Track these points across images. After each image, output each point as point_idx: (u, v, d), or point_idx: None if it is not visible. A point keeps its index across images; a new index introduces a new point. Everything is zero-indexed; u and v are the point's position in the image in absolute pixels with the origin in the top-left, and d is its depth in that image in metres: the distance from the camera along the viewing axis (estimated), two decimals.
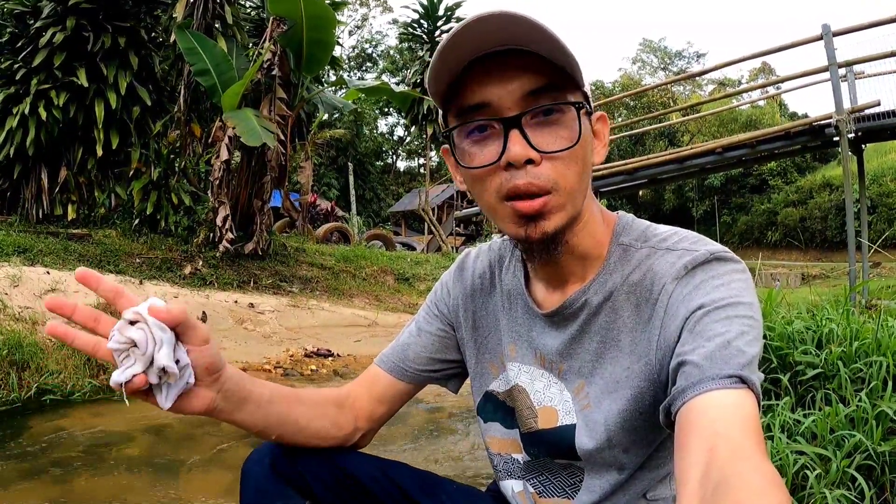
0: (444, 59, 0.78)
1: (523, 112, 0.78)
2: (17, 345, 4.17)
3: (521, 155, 0.77)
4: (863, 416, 1.88)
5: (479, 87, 0.79)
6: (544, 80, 0.78)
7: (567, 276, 0.91)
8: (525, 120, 0.78)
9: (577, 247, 0.88)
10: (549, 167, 0.79)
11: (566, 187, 0.80)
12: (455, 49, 0.77)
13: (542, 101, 0.78)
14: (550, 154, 0.79)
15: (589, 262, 0.90)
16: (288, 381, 4.86)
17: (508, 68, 0.78)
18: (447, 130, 0.85)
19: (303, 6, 7.51)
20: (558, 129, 0.79)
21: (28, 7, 8.18)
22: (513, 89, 0.78)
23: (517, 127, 0.78)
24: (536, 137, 0.78)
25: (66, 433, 3.36)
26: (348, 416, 1.03)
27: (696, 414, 0.65)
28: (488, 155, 0.81)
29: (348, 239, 14.65)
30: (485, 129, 0.81)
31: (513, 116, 0.78)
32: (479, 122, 0.81)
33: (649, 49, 48.78)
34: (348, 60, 41.46)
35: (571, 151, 0.79)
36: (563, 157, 0.79)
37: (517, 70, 0.78)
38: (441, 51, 0.77)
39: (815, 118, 8.42)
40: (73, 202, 8.36)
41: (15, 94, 7.88)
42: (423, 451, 3.29)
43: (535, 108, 0.78)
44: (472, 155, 0.82)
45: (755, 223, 28.54)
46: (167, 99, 9.19)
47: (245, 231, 8.31)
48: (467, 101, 0.81)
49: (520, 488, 1.01)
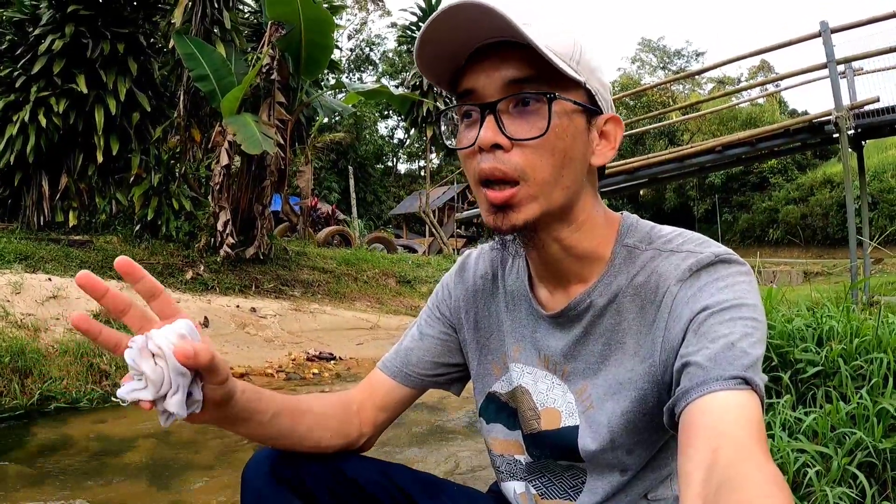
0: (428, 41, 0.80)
1: (500, 98, 0.79)
2: (19, 352, 4.17)
3: (489, 139, 0.79)
4: (864, 413, 1.88)
5: (470, 75, 0.82)
6: (530, 70, 0.78)
7: (570, 277, 0.91)
8: (503, 107, 0.80)
9: (574, 247, 0.88)
10: (518, 154, 0.79)
11: (536, 178, 0.80)
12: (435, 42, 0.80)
13: (522, 91, 0.79)
14: (520, 141, 0.79)
15: (591, 263, 0.90)
16: (290, 385, 4.87)
17: (495, 58, 0.80)
18: (437, 113, 0.88)
19: (301, 10, 7.53)
20: (536, 119, 0.79)
21: (27, 14, 8.19)
22: (496, 77, 0.79)
23: (493, 112, 0.79)
24: (511, 125, 0.80)
25: (70, 439, 3.36)
26: (353, 423, 1.03)
27: (699, 415, 0.65)
28: (468, 138, 0.83)
29: (349, 242, 14.65)
30: (470, 114, 0.84)
31: (490, 102, 0.80)
32: (461, 106, 0.84)
33: (648, 48, 48.80)
34: (348, 63, 41.48)
35: (542, 140, 0.79)
36: (534, 147, 0.79)
37: (501, 59, 0.79)
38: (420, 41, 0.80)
39: (814, 115, 8.41)
40: (74, 209, 8.37)
41: (15, 101, 7.89)
42: (425, 453, 3.29)
43: (510, 95, 0.79)
44: (460, 138, 0.85)
45: (756, 221, 28.50)
46: (167, 104, 9.19)
47: (246, 235, 8.31)
48: (460, 86, 0.84)
49: (522, 490, 1.01)
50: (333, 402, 1.03)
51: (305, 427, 0.96)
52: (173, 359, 0.67)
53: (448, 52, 0.82)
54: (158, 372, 0.67)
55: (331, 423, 1.00)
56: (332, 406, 1.02)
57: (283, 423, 0.92)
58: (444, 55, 0.82)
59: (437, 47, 0.81)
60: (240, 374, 4.97)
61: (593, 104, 0.84)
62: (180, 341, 0.68)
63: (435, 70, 0.85)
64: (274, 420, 0.90)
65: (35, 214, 8.21)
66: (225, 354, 5.34)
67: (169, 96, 9.32)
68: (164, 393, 0.68)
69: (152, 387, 0.67)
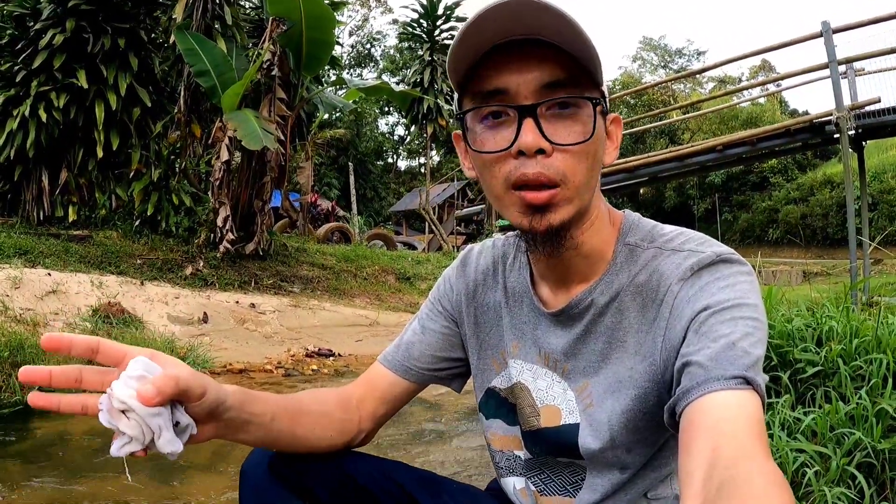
0: (466, 41, 0.77)
1: (539, 102, 0.78)
2: (18, 346, 4.17)
3: (534, 144, 0.77)
4: (863, 413, 1.88)
5: (498, 74, 0.79)
6: (563, 73, 0.77)
7: (573, 275, 0.91)
8: (540, 110, 0.78)
9: (583, 245, 0.88)
10: (560, 159, 0.78)
11: (575, 182, 0.79)
12: (479, 33, 0.76)
13: (560, 94, 0.78)
14: (563, 147, 0.78)
15: (595, 261, 0.90)
16: (289, 381, 4.87)
17: (529, 57, 0.78)
18: (461, 113, 0.84)
19: (302, 6, 7.52)
20: (573, 123, 0.79)
21: (28, 9, 8.19)
22: (531, 79, 0.78)
23: (532, 116, 0.77)
24: (550, 129, 0.78)
25: (68, 435, 3.36)
26: (353, 418, 1.03)
27: (700, 414, 0.65)
28: (500, 141, 0.80)
29: (349, 238, 14.65)
30: (499, 115, 0.81)
31: (529, 105, 0.78)
32: (494, 107, 0.80)
33: (649, 47, 48.78)
34: (349, 60, 41.45)
35: (584, 146, 0.79)
36: (575, 151, 0.79)
37: (537, 60, 0.78)
38: (464, 33, 0.76)
39: (815, 115, 8.42)
40: (74, 204, 8.37)
41: (15, 96, 7.89)
42: (425, 450, 3.29)
43: (552, 99, 0.78)
44: (484, 140, 0.82)
45: (756, 221, 28.52)
46: (167, 100, 9.19)
47: (246, 231, 8.32)
48: (485, 86, 0.80)
49: (521, 485, 1.01)
50: (333, 399, 1.02)
51: (306, 428, 0.95)
52: (141, 407, 0.66)
53: (477, 46, 0.79)
54: (134, 425, 0.66)
55: (332, 423, 0.99)
56: (331, 404, 1.01)
57: (281, 426, 0.90)
58: (474, 50, 0.79)
59: (479, 37, 0.77)
60: (239, 370, 4.97)
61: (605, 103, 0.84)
62: (141, 385, 0.66)
63: (459, 63, 0.81)
64: (271, 424, 0.89)
65: (35, 209, 8.21)
66: (224, 350, 5.35)
67: (169, 92, 9.32)
68: (150, 439, 0.67)
69: (136, 440, 0.67)
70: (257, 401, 0.87)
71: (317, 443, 0.97)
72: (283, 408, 0.92)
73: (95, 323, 4.93)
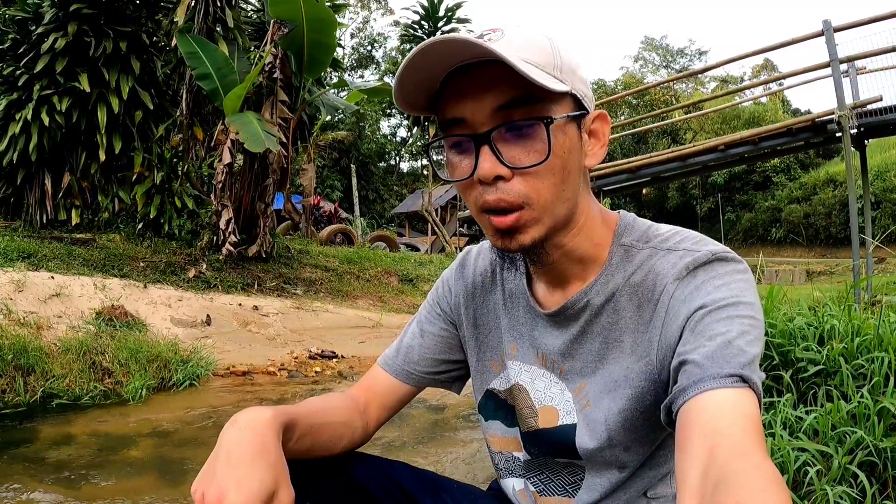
0: (404, 80, 0.79)
1: (493, 128, 0.78)
2: (22, 349, 4.18)
3: (490, 172, 0.78)
4: (864, 412, 1.88)
5: (455, 102, 0.80)
6: (517, 91, 0.76)
7: (568, 277, 0.91)
8: (497, 135, 0.78)
9: (574, 250, 0.88)
10: (520, 182, 0.79)
11: (541, 201, 0.80)
12: (427, 68, 0.78)
13: (515, 116, 0.78)
14: (521, 169, 0.78)
15: (589, 263, 0.90)
16: (292, 384, 4.87)
17: (482, 81, 0.78)
18: (424, 145, 0.87)
19: (303, 9, 7.53)
20: (532, 142, 0.78)
21: (30, 13, 8.20)
22: (486, 104, 0.78)
23: (487, 143, 0.78)
24: (508, 152, 0.78)
25: (72, 437, 3.37)
26: (360, 424, 1.04)
27: (696, 412, 0.66)
28: (465, 168, 0.82)
29: (352, 240, 14.66)
30: (461, 143, 0.82)
31: (483, 133, 0.78)
32: (454, 137, 0.82)
33: (651, 47, 48.75)
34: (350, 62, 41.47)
35: (544, 165, 0.78)
36: (536, 172, 0.79)
37: (489, 83, 0.77)
38: (401, 73, 0.78)
39: (817, 114, 8.38)
40: (77, 207, 8.38)
41: (17, 99, 7.90)
42: (425, 450, 3.29)
43: (504, 124, 0.78)
44: (453, 167, 0.84)
45: (759, 220, 28.47)
46: (169, 103, 9.20)
47: (248, 234, 8.32)
48: (446, 114, 0.81)
49: (521, 486, 1.02)
50: (344, 407, 1.03)
51: (326, 439, 0.96)
52: None
53: (425, 78, 0.80)
54: None
55: (346, 431, 1.00)
56: (345, 412, 1.02)
57: (304, 443, 0.91)
58: (422, 83, 0.81)
59: (417, 77, 0.79)
60: (242, 372, 4.97)
61: (580, 107, 0.83)
62: None
63: (409, 100, 0.83)
64: (300, 441, 0.90)
65: (38, 212, 8.23)
66: (227, 352, 5.35)
67: (172, 95, 9.32)
68: None
69: None
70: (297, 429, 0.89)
71: (331, 450, 0.98)
72: (308, 426, 0.92)
73: (99, 326, 4.95)
